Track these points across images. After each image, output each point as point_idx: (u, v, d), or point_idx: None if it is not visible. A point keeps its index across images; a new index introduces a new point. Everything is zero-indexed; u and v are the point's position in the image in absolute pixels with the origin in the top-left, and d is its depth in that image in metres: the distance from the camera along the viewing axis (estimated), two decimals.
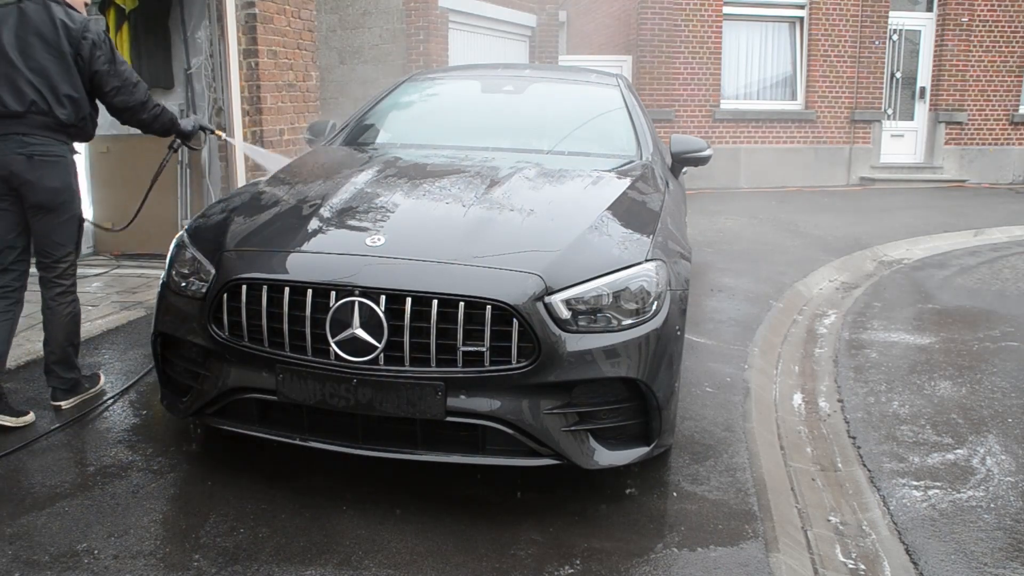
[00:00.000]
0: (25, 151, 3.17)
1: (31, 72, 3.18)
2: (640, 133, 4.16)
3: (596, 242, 2.83)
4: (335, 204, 3.03)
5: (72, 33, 3.25)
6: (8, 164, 3.16)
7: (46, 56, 3.21)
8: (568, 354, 2.52)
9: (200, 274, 2.82)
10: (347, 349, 2.51)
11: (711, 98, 11.88)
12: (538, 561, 2.42)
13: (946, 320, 5.55)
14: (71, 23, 3.27)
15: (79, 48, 3.25)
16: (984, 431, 3.69)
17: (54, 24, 3.23)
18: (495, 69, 5.28)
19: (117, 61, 3.39)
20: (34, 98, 3.17)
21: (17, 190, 3.20)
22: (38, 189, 3.20)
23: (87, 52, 3.26)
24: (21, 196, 3.21)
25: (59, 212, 3.28)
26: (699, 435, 3.37)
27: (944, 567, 2.65)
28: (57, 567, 2.32)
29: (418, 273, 2.57)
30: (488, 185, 3.20)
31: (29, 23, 3.22)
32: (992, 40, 12.53)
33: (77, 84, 3.27)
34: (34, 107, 3.18)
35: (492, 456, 2.60)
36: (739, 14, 11.98)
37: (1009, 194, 11.87)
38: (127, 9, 6.17)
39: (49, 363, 3.40)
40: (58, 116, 3.22)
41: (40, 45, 3.21)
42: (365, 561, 2.39)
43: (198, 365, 2.81)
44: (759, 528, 2.66)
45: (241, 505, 2.67)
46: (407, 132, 4.38)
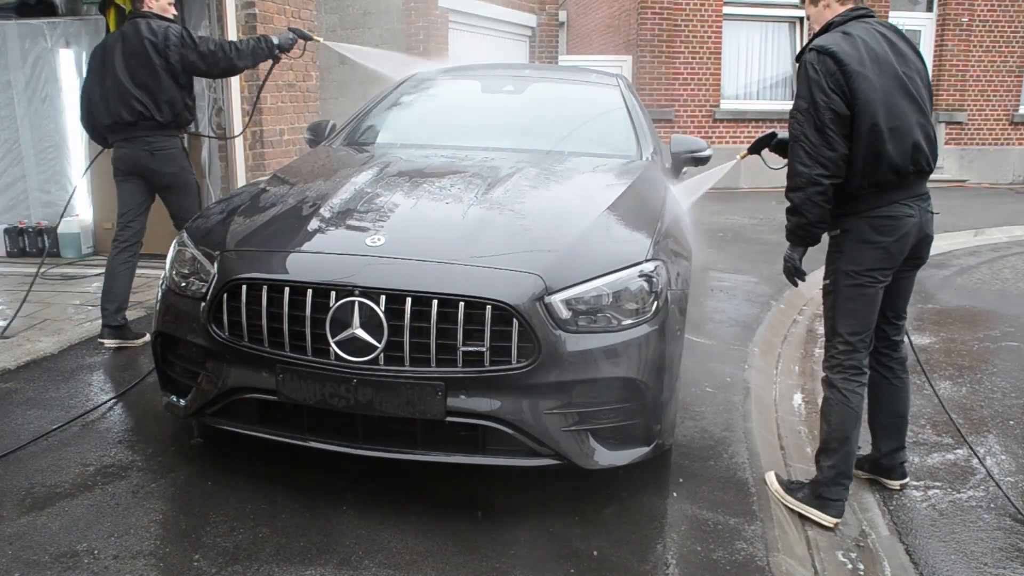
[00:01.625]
0: (148, 148, 4.15)
1: (136, 87, 4.05)
2: (640, 133, 4.16)
3: (596, 242, 2.83)
4: (335, 204, 3.03)
5: (156, 47, 4.03)
6: (138, 160, 4.18)
7: (143, 72, 4.04)
8: (568, 354, 2.52)
9: (200, 274, 2.82)
10: (347, 349, 2.51)
11: (711, 98, 11.88)
12: (538, 561, 2.42)
13: (946, 320, 5.55)
14: (153, 37, 4.03)
15: (167, 56, 4.05)
16: (984, 431, 3.69)
17: (143, 42, 4.02)
18: (495, 69, 5.28)
19: (196, 45, 4.13)
20: (140, 109, 4.07)
21: (145, 176, 4.22)
22: (162, 175, 4.22)
23: (175, 57, 4.06)
24: (149, 181, 4.24)
25: (181, 189, 4.28)
26: (699, 435, 3.37)
27: (944, 567, 2.65)
28: (57, 567, 2.32)
29: (418, 273, 2.57)
30: (488, 185, 3.20)
31: (129, 45, 4.05)
32: (992, 40, 12.54)
33: (170, 88, 4.10)
34: (142, 116, 4.09)
35: (492, 456, 2.60)
36: (739, 14, 11.98)
37: (1009, 194, 11.87)
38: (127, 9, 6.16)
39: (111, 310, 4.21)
40: (159, 119, 4.11)
41: (137, 63, 4.04)
42: (365, 561, 2.39)
43: (198, 365, 2.81)
44: (759, 528, 2.66)
45: (241, 505, 2.67)
46: (407, 132, 4.38)
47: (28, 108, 6.76)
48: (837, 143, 2.60)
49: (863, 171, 2.64)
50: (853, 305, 2.78)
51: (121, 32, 4.13)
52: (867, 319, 2.79)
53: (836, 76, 2.59)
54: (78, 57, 6.65)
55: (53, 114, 6.75)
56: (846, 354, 2.81)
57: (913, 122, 2.67)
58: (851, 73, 2.58)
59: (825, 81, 2.60)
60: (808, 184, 2.65)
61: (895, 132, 2.62)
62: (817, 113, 2.61)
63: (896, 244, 2.71)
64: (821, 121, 2.60)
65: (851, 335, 2.79)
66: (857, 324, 2.78)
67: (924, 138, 2.70)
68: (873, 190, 2.68)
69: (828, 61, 2.61)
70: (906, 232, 2.71)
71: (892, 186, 2.68)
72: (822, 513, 2.84)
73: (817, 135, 2.61)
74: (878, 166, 2.63)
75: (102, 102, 4.16)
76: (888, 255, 2.72)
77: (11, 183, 6.90)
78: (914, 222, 2.73)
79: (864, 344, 2.81)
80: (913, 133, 2.66)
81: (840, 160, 2.61)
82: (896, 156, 2.63)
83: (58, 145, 6.81)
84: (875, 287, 2.76)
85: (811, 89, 2.63)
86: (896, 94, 2.65)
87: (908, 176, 2.68)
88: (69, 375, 3.83)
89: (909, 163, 2.66)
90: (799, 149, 2.68)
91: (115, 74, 4.06)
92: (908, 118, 2.66)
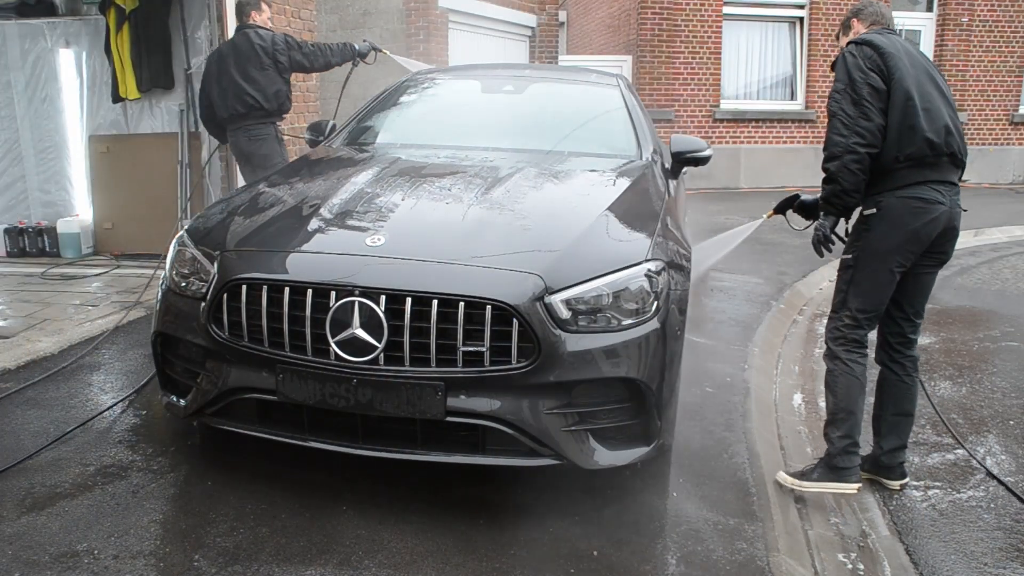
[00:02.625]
0: (247, 134, 5.10)
1: (248, 84, 4.99)
2: (640, 133, 4.15)
3: (596, 242, 2.83)
4: (335, 204, 3.03)
5: (266, 50, 5.03)
6: (239, 144, 5.14)
7: (254, 71, 5.01)
8: (568, 354, 2.51)
9: (200, 274, 2.82)
10: (347, 349, 2.51)
11: (711, 98, 11.88)
12: (538, 561, 2.42)
13: (946, 320, 5.55)
14: (263, 43, 5.04)
15: (275, 57, 5.07)
16: (984, 431, 3.69)
17: (253, 47, 5.01)
18: (495, 69, 5.28)
19: (300, 47, 5.20)
20: (251, 102, 5.03)
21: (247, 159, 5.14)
22: (252, 156, 5.09)
23: (283, 58, 5.10)
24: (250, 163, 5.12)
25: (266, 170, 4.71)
26: (699, 435, 3.37)
27: (944, 567, 2.65)
28: (57, 567, 2.32)
29: (418, 273, 2.57)
30: (488, 185, 3.20)
31: (240, 50, 5.02)
32: (992, 40, 12.53)
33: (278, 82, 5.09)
34: (252, 107, 5.02)
35: (492, 456, 2.60)
36: (739, 14, 11.97)
37: (1009, 194, 11.87)
38: (127, 9, 6.16)
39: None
40: (267, 107, 5.05)
41: (249, 64, 4.99)
42: (365, 561, 2.39)
43: (198, 365, 2.81)
44: (759, 528, 2.66)
45: (241, 505, 2.67)
46: (407, 132, 4.38)
47: (28, 108, 6.76)
48: (873, 114, 2.71)
49: (898, 142, 2.73)
50: (869, 284, 2.87)
51: (232, 41, 5.14)
52: (878, 299, 2.89)
53: (874, 58, 2.76)
54: (78, 57, 6.65)
55: (53, 114, 6.75)
56: (851, 328, 2.91)
57: (943, 110, 2.80)
58: (888, 55, 2.75)
59: (863, 62, 2.75)
60: (845, 152, 2.73)
61: (928, 112, 2.74)
62: (855, 88, 2.74)
63: (924, 228, 2.78)
64: (858, 95, 2.73)
65: (860, 312, 2.89)
66: (868, 303, 2.88)
67: (954, 126, 2.81)
68: (907, 164, 2.75)
69: (866, 48, 2.79)
70: (935, 218, 2.78)
71: (926, 163, 2.76)
72: (843, 483, 2.90)
73: (854, 108, 2.73)
74: (913, 138, 2.72)
75: (220, 99, 5.07)
76: (915, 239, 2.79)
77: (11, 183, 6.90)
78: (944, 210, 2.79)
79: (869, 323, 2.92)
80: (944, 118, 2.78)
81: (876, 130, 2.71)
82: (930, 130, 2.72)
83: (58, 145, 6.81)
84: (894, 271, 2.84)
85: (849, 70, 2.77)
86: (927, 83, 2.80)
87: (942, 156, 2.77)
88: (69, 375, 3.83)
89: (943, 141, 2.75)
90: (836, 122, 2.77)
91: (230, 74, 4.99)
92: (938, 105, 2.79)
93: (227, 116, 5.10)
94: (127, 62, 6.22)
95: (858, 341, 2.92)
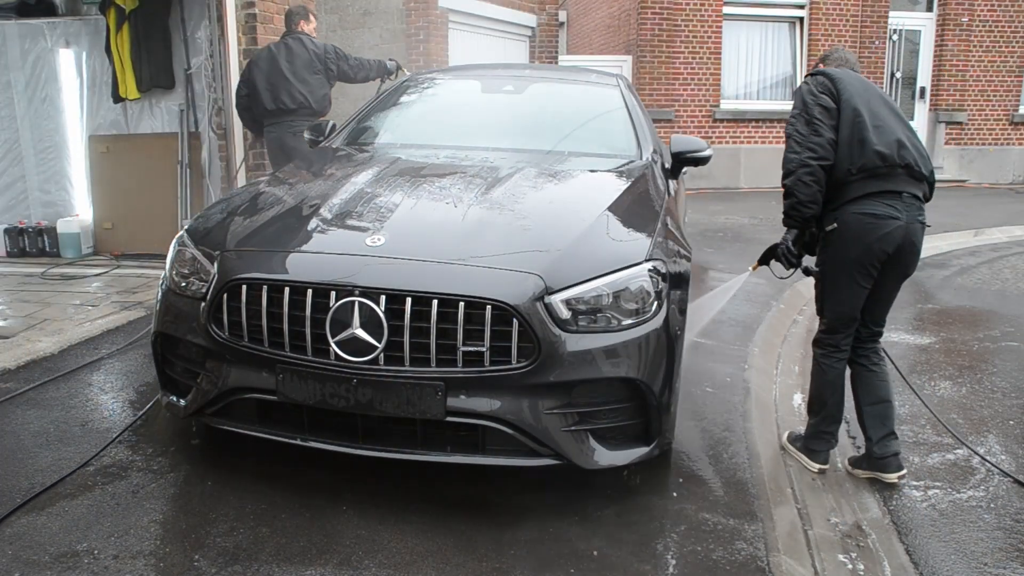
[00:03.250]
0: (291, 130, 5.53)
1: (299, 84, 5.57)
2: (640, 133, 4.15)
3: (596, 242, 2.83)
4: (335, 204, 3.03)
5: (319, 56, 5.65)
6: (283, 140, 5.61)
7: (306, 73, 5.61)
8: (568, 354, 2.51)
9: (200, 274, 2.82)
10: (347, 349, 2.51)
11: (711, 98, 11.88)
12: (538, 561, 2.42)
13: (946, 320, 5.55)
14: (316, 48, 5.66)
15: (326, 64, 5.68)
16: (984, 431, 3.69)
17: (308, 53, 5.60)
18: (495, 69, 5.28)
19: (347, 58, 5.82)
20: (301, 99, 5.58)
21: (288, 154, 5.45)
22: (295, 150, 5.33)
23: (333, 66, 5.73)
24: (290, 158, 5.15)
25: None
26: (699, 435, 3.37)
27: (944, 567, 2.64)
28: (57, 567, 2.32)
29: (418, 273, 2.57)
30: (488, 185, 3.20)
31: (295, 53, 5.58)
32: (992, 40, 12.53)
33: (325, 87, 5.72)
34: (302, 105, 5.59)
35: (492, 456, 2.60)
36: (739, 14, 11.97)
37: (1009, 194, 11.87)
38: (127, 9, 6.16)
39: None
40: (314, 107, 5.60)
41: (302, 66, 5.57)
42: (365, 561, 2.39)
43: (198, 365, 2.81)
44: (759, 528, 2.66)
45: (241, 505, 2.67)
46: (407, 132, 4.38)
47: (28, 108, 6.76)
48: (824, 129, 2.92)
49: (850, 155, 2.89)
50: (837, 295, 3.09)
51: (286, 43, 5.64)
52: (849, 309, 3.09)
53: (825, 83, 3.00)
54: (78, 57, 6.65)
55: (53, 114, 6.75)
56: (827, 334, 3.19)
57: (896, 127, 2.96)
58: (838, 80, 3.00)
59: (815, 88, 3.01)
60: (799, 167, 2.94)
61: (879, 128, 2.91)
62: (807, 109, 2.97)
63: (878, 243, 2.92)
64: (810, 115, 2.95)
65: (834, 319, 3.14)
66: (839, 311, 3.11)
67: (908, 141, 2.94)
68: (860, 176, 2.90)
69: (819, 77, 3.05)
70: (889, 232, 2.90)
71: (879, 174, 2.90)
72: (809, 460, 3.28)
73: (806, 127, 2.96)
74: (863, 150, 2.88)
75: (267, 91, 5.57)
76: (870, 253, 2.94)
77: (11, 183, 6.90)
78: (898, 225, 2.91)
79: (844, 327, 3.13)
80: (896, 132, 2.93)
81: (827, 144, 2.91)
82: (880, 143, 2.88)
83: (58, 145, 6.81)
84: (857, 282, 3.01)
85: (803, 97, 3.02)
86: (879, 105, 2.99)
87: (895, 167, 2.90)
88: (69, 375, 3.83)
89: (895, 153, 2.88)
90: (792, 142, 2.99)
91: (281, 72, 5.54)
92: (891, 123, 2.96)
93: (273, 110, 5.59)
94: (127, 62, 6.22)
95: (833, 346, 3.16)
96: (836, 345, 3.16)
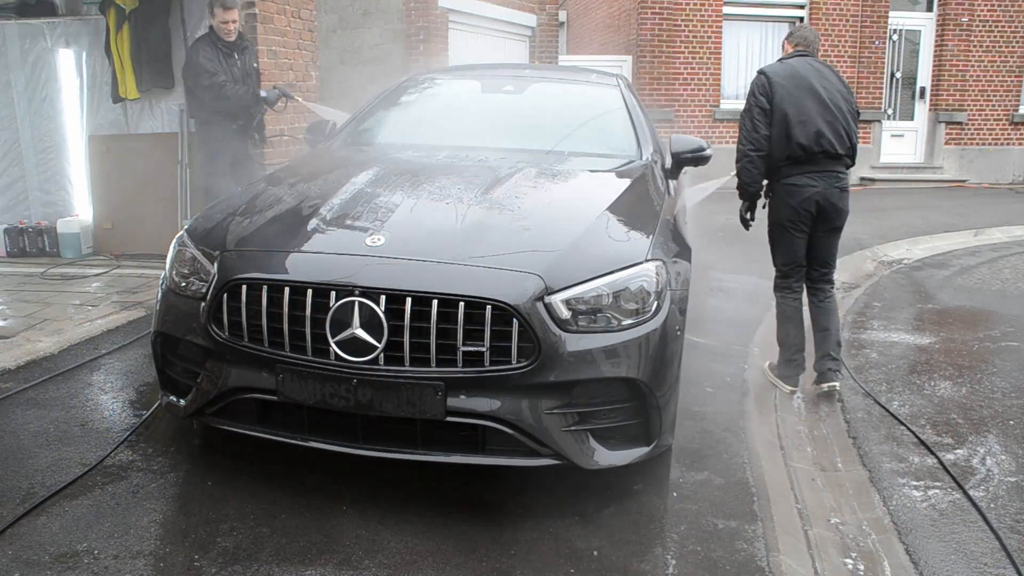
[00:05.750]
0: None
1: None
2: (640, 133, 4.16)
3: (596, 242, 2.83)
4: (335, 204, 3.03)
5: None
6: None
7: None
8: (568, 354, 2.51)
9: (200, 274, 2.82)
10: (347, 349, 2.51)
11: (711, 98, 11.88)
12: (538, 561, 2.42)
13: (946, 320, 5.55)
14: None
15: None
16: (984, 431, 3.69)
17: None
18: (495, 69, 5.28)
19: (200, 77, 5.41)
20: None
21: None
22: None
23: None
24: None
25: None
26: (699, 435, 3.37)
27: (944, 567, 2.64)
28: (57, 567, 2.32)
29: (418, 273, 2.57)
30: (488, 185, 3.20)
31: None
32: (992, 40, 12.53)
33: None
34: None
35: (492, 456, 2.60)
36: (739, 14, 11.97)
37: (1009, 194, 11.87)
38: (127, 9, 6.17)
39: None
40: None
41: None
42: (365, 561, 2.39)
43: (198, 365, 2.81)
44: (759, 528, 2.66)
45: (241, 505, 2.67)
46: (407, 132, 4.38)
47: (28, 108, 6.76)
48: (761, 127, 3.83)
49: (779, 147, 3.82)
50: (780, 245, 4.01)
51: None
52: (792, 255, 3.99)
53: (764, 85, 3.85)
54: (78, 57, 6.65)
55: (53, 114, 6.75)
56: (780, 278, 4.09)
57: (818, 117, 3.78)
58: (773, 83, 3.84)
59: (756, 89, 3.87)
60: (743, 156, 3.89)
61: (802, 123, 3.76)
62: (750, 108, 3.86)
63: (801, 204, 3.85)
64: (751, 114, 3.85)
65: (783, 265, 4.04)
66: (785, 258, 4.02)
67: (829, 129, 3.78)
68: (788, 162, 3.83)
69: (761, 77, 3.90)
70: (807, 197, 3.84)
71: (800, 160, 3.81)
72: (783, 383, 4.09)
73: (749, 123, 3.86)
74: (788, 143, 3.79)
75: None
76: (795, 212, 3.87)
77: (11, 183, 6.90)
78: (815, 191, 3.83)
79: (793, 272, 4.02)
80: (817, 124, 3.77)
81: (762, 139, 3.83)
82: (801, 137, 3.76)
83: (58, 145, 6.81)
84: (792, 234, 3.93)
85: (749, 96, 3.90)
86: (807, 99, 3.79)
87: (815, 154, 3.79)
88: (69, 375, 3.83)
89: (814, 143, 3.77)
90: (741, 135, 3.90)
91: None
92: (813, 115, 3.78)
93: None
94: (127, 62, 6.22)
95: (787, 288, 4.06)
96: (789, 287, 4.04)
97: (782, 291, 4.05)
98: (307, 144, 4.59)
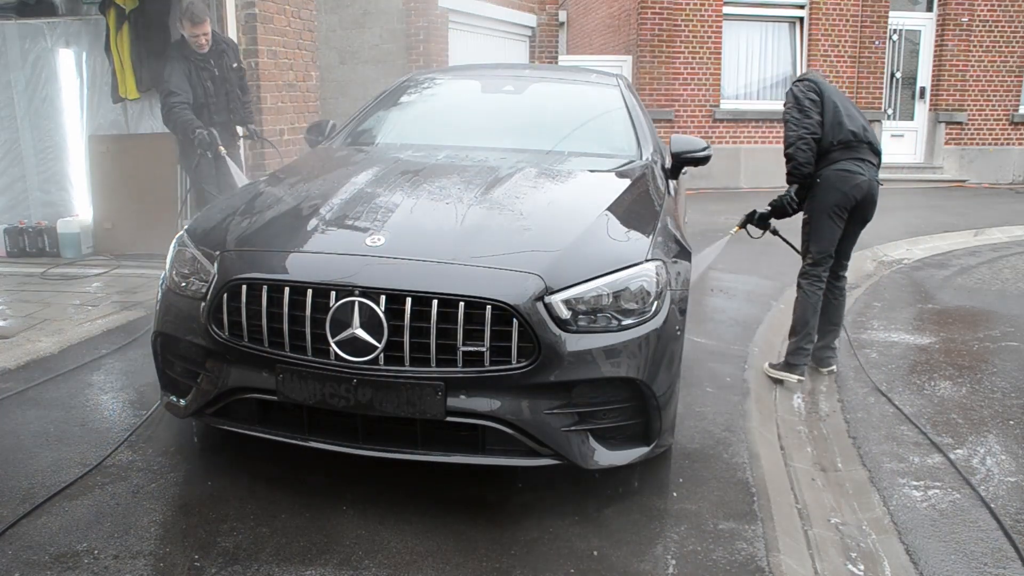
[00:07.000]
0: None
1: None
2: (640, 133, 4.15)
3: (596, 242, 2.83)
4: (335, 204, 3.03)
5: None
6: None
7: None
8: (568, 354, 2.51)
9: (200, 274, 2.82)
10: (347, 349, 2.51)
11: (711, 98, 11.88)
12: (538, 561, 2.42)
13: (946, 320, 5.55)
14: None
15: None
16: (984, 431, 3.69)
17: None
18: (495, 69, 5.28)
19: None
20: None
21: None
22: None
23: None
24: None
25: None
26: (699, 435, 3.37)
27: (944, 567, 2.64)
28: (57, 567, 2.32)
29: (418, 273, 2.57)
30: (488, 185, 3.20)
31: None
32: (992, 40, 12.53)
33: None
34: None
35: (492, 456, 2.60)
36: (739, 14, 11.97)
37: (1009, 194, 11.87)
38: (127, 9, 6.17)
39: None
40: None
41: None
42: (365, 561, 2.39)
43: (198, 365, 2.81)
44: (759, 528, 2.66)
45: (241, 505, 2.67)
46: (407, 132, 4.38)
47: (28, 108, 6.76)
48: (813, 114, 4.07)
49: (831, 132, 4.05)
50: (819, 232, 4.14)
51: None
52: (828, 243, 4.15)
53: (811, 85, 4.15)
54: (78, 57, 6.65)
55: (53, 114, 6.76)
56: (812, 266, 4.19)
57: (859, 117, 4.12)
58: (819, 83, 4.16)
59: (804, 87, 4.14)
60: (797, 139, 4.07)
61: (849, 116, 4.08)
62: (799, 102, 4.10)
63: (851, 191, 4.04)
64: (803, 105, 4.08)
65: (818, 253, 4.17)
66: (821, 246, 4.16)
67: (868, 127, 4.10)
68: (839, 147, 4.05)
69: (807, 82, 4.19)
70: (857, 184, 4.04)
71: (851, 146, 4.05)
72: (790, 374, 4.20)
73: (800, 113, 4.08)
74: (841, 130, 4.04)
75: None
76: (845, 198, 4.05)
77: (11, 183, 6.91)
78: (864, 179, 4.05)
79: (824, 260, 4.17)
80: (860, 120, 4.11)
81: (815, 124, 4.05)
82: (851, 125, 4.05)
83: (58, 145, 6.81)
84: (834, 221, 4.10)
85: (796, 94, 4.14)
86: (846, 102, 4.17)
87: (863, 143, 4.06)
88: (69, 375, 3.83)
89: (862, 132, 4.06)
90: (790, 124, 4.12)
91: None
92: (855, 113, 4.13)
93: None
94: (127, 62, 6.22)
95: (816, 276, 4.19)
96: (819, 276, 4.18)
97: (810, 279, 4.17)
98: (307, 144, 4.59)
